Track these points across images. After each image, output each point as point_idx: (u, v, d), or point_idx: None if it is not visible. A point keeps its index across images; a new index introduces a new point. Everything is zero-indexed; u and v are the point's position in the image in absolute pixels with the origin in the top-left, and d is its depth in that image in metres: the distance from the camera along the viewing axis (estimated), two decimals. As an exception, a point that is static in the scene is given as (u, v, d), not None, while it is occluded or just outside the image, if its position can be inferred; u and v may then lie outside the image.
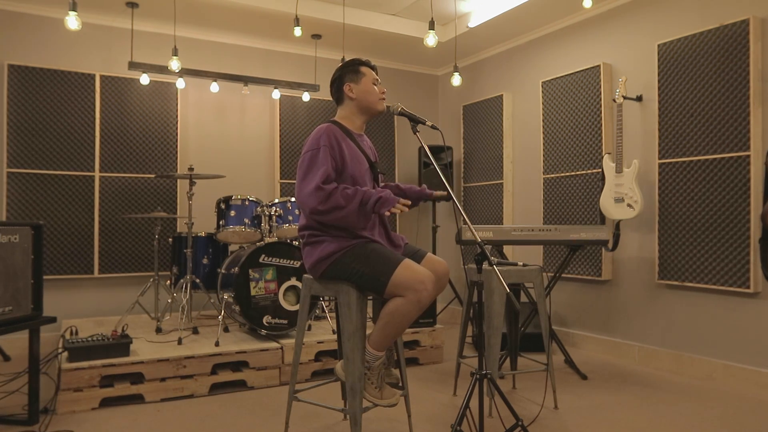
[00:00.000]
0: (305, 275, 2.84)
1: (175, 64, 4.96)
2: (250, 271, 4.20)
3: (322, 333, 4.45)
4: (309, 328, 4.57)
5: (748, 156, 3.91)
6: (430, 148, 5.93)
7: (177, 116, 5.63)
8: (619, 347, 4.83)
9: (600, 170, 4.74)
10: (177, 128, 5.63)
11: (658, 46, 4.48)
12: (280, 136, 6.09)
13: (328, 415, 3.40)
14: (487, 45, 6.23)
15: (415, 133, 2.79)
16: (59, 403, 3.41)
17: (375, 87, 2.84)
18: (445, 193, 2.85)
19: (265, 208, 4.66)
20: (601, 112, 4.93)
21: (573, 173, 5.18)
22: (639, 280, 4.71)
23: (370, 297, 2.78)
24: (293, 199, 4.80)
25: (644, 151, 4.66)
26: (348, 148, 2.70)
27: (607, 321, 4.98)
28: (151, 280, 4.91)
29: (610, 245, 4.52)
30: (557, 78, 5.36)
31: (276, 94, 5.97)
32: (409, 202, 2.61)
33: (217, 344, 4.00)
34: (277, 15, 5.32)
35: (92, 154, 5.28)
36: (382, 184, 2.91)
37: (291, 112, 6.17)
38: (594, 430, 3.18)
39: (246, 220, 4.68)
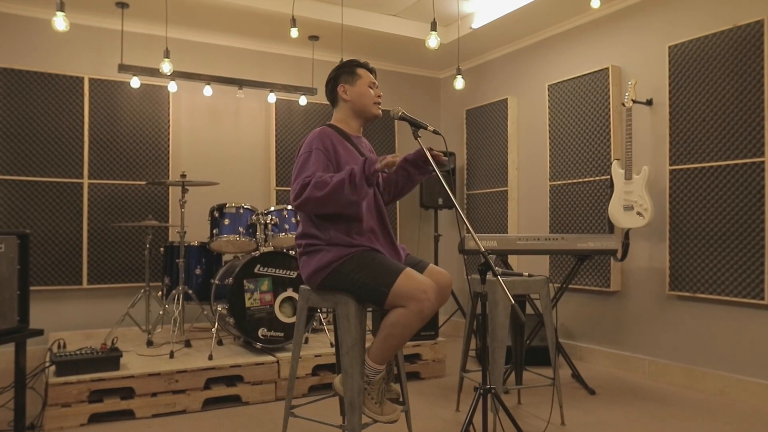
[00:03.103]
0: (302, 286, 2.86)
1: (166, 67, 5.00)
2: (244, 281, 4.23)
3: (319, 346, 4.47)
4: (306, 341, 4.58)
5: (763, 162, 3.94)
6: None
7: (169, 121, 5.66)
8: (629, 361, 4.85)
9: (608, 177, 4.76)
10: (169, 133, 5.66)
11: (669, 48, 4.51)
12: (276, 141, 6.13)
13: (326, 431, 3.41)
14: (491, 47, 6.28)
15: (416, 138, 2.81)
16: (46, 419, 3.43)
17: (371, 90, 2.86)
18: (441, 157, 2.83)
19: (260, 216, 4.68)
20: (609, 117, 4.97)
21: (580, 180, 5.21)
22: (649, 291, 4.73)
23: (370, 309, 2.80)
24: (289, 207, 4.83)
25: (654, 157, 4.69)
26: (344, 150, 2.73)
27: (616, 334, 4.99)
28: (142, 291, 4.92)
29: (619, 255, 4.55)
30: (564, 81, 5.39)
31: (272, 97, 6.01)
32: (396, 158, 2.56)
33: (210, 358, 4.02)
34: (272, 15, 5.36)
35: (80, 160, 5.31)
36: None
37: (287, 116, 6.20)
38: (603, 447, 3.19)
39: (240, 229, 4.71)
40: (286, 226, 4.77)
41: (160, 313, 4.79)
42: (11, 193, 5.06)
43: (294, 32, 4.87)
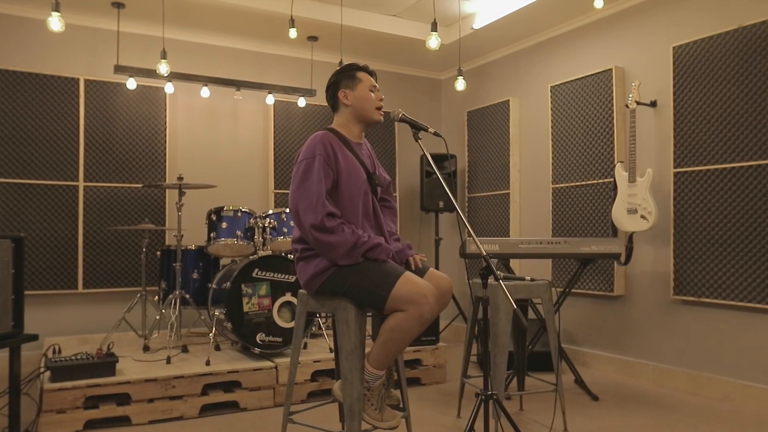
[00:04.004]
0: (301, 290, 2.87)
1: (163, 68, 5.00)
2: (242, 286, 4.24)
3: (318, 351, 4.48)
4: (305, 347, 4.59)
5: (768, 165, 3.96)
6: (432, 156, 5.97)
7: (165, 123, 5.68)
8: (632, 366, 4.85)
9: (612, 180, 4.77)
10: (165, 135, 5.67)
11: (674, 48, 4.52)
12: (274, 143, 6.14)
13: (325, 438, 3.41)
14: (492, 47, 6.29)
15: (416, 141, 2.82)
16: (41, 425, 3.43)
17: (372, 94, 2.87)
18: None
19: (258, 219, 4.69)
20: (613, 119, 4.98)
21: (583, 183, 5.22)
22: (653, 295, 4.74)
23: (369, 314, 2.81)
24: (288, 211, 4.83)
25: (659, 159, 4.70)
26: (344, 158, 2.73)
27: (619, 339, 5.00)
28: (138, 295, 4.94)
29: (622, 259, 4.55)
30: (567, 82, 5.41)
31: (270, 99, 6.02)
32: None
33: (207, 363, 4.03)
34: (271, 16, 5.38)
35: (76, 162, 5.32)
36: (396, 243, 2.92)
37: (286, 118, 6.22)
38: (606, 454, 3.20)
39: (238, 233, 4.72)
40: (285, 230, 4.78)
41: (157, 317, 4.79)
42: (5, 196, 5.07)
43: (293, 33, 4.88)
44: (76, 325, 5.31)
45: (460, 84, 5.36)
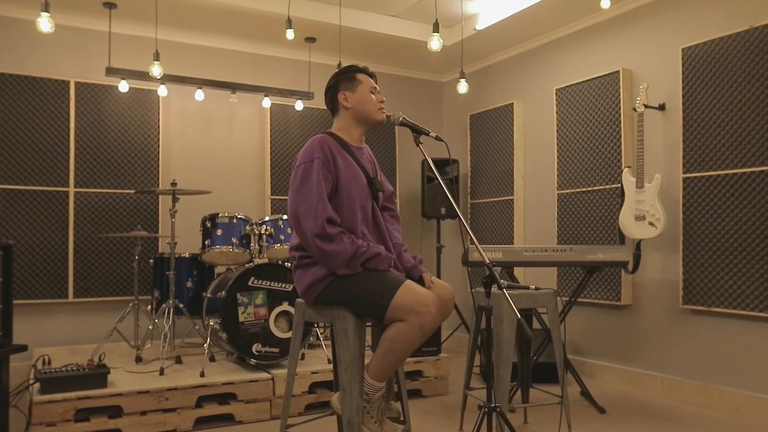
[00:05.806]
0: (298, 300, 2.89)
1: (156, 70, 5.02)
2: (238, 295, 4.25)
3: (316, 362, 4.48)
4: (302, 358, 4.60)
5: (779, 170, 3.97)
6: (434, 161, 5.95)
7: (159, 126, 5.70)
8: (640, 378, 4.86)
9: (619, 185, 4.79)
10: (159, 140, 5.69)
11: (683, 50, 4.54)
12: (270, 148, 6.16)
13: (323, 452, 3.42)
14: (496, 49, 6.32)
15: (417, 145, 2.84)
16: (30, 439, 3.44)
17: (373, 95, 2.88)
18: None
19: (254, 226, 4.70)
20: (620, 122, 5.00)
21: (590, 189, 5.24)
22: (662, 304, 4.75)
23: (369, 323, 2.82)
24: (285, 217, 4.85)
25: (667, 164, 4.72)
26: (344, 161, 2.74)
27: (626, 349, 5.01)
28: (131, 305, 4.94)
29: (630, 267, 4.57)
30: (573, 85, 5.43)
31: (266, 102, 6.03)
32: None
33: (202, 375, 4.03)
34: (267, 16, 5.40)
35: (66, 167, 5.33)
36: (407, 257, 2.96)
37: (283, 121, 6.24)
38: (613, 468, 3.20)
39: (234, 240, 4.73)
40: (282, 237, 4.79)
41: (150, 327, 4.79)
42: (-6, 202, 5.09)
43: (290, 34, 4.90)
44: (67, 335, 5.32)
45: (463, 87, 5.37)
